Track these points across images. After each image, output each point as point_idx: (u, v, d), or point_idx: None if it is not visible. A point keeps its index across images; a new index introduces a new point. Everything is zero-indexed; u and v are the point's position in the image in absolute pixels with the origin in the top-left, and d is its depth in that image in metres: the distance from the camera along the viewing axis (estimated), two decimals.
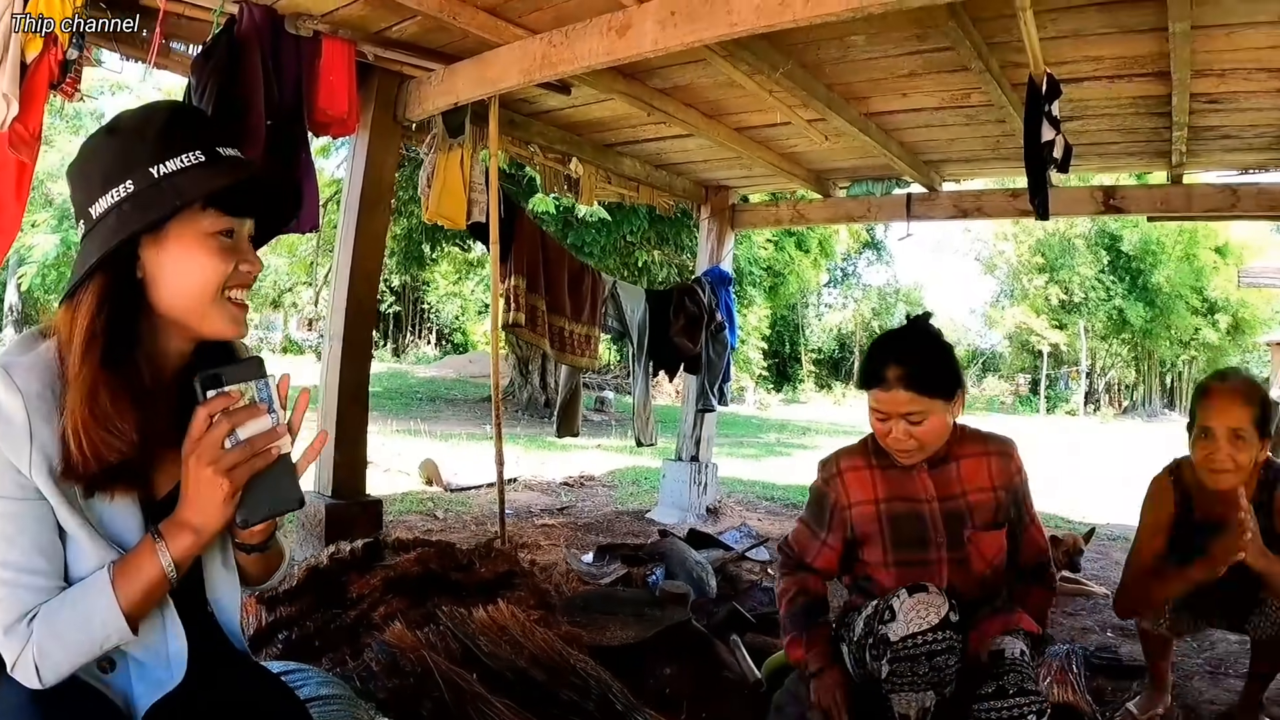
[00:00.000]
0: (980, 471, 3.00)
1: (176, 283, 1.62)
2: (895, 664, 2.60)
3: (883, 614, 2.69)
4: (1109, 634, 5.05)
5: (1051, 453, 19.00)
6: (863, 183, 8.30)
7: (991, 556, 2.96)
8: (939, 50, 4.79)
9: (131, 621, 1.52)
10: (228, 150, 1.65)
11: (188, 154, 1.58)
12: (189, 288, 1.62)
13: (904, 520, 2.97)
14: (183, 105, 1.75)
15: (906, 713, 2.62)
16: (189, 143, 1.60)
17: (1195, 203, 6.77)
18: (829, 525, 3.08)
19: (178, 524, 1.56)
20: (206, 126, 1.68)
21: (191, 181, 1.57)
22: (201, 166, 1.59)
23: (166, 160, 1.57)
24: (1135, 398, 50.39)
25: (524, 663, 3.16)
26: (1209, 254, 43.70)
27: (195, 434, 1.55)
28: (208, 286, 1.62)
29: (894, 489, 3.00)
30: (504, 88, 4.99)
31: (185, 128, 1.63)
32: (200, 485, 1.54)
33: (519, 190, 14.51)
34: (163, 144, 1.58)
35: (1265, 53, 4.50)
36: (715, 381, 8.26)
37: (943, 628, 2.58)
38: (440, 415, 19.69)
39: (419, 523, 7.17)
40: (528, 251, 6.28)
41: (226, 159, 1.63)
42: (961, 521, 2.94)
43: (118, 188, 1.56)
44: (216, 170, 1.60)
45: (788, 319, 44.35)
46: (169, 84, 19.20)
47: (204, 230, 1.61)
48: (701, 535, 6.68)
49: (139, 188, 1.56)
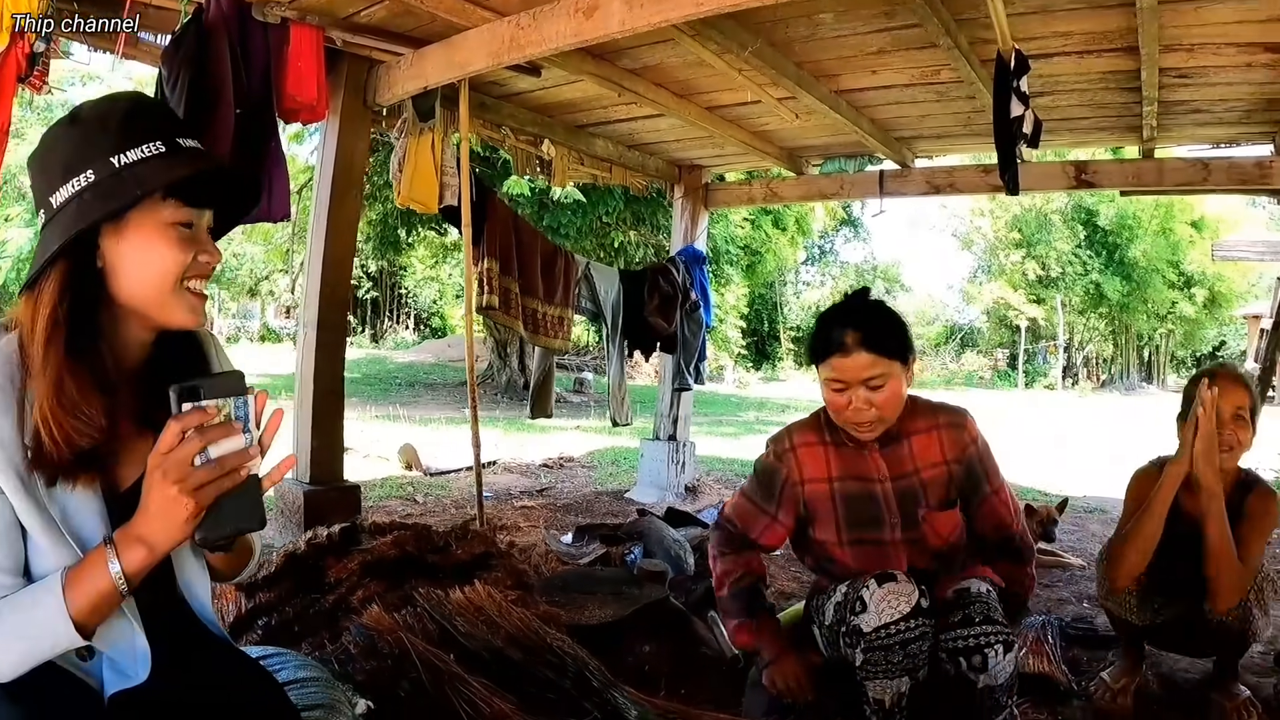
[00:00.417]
0: (932, 446, 2.98)
1: (136, 272, 1.62)
2: (869, 653, 2.60)
3: (854, 605, 2.68)
4: (1085, 605, 5.10)
5: (1030, 426, 19.11)
6: (835, 160, 8.35)
7: (947, 534, 2.96)
8: (907, 27, 4.80)
9: (84, 630, 1.49)
10: (188, 141, 1.65)
11: (149, 144, 1.59)
12: (149, 277, 1.62)
13: (857, 500, 2.96)
14: (144, 97, 1.76)
15: (881, 698, 2.63)
16: (150, 133, 1.60)
17: (1167, 177, 6.81)
18: (779, 501, 3.05)
19: (133, 538, 1.50)
20: (167, 117, 1.69)
21: (152, 171, 1.57)
22: (162, 157, 1.59)
23: (127, 150, 1.57)
24: (1113, 371, 50.55)
25: (500, 642, 3.18)
26: (1185, 228, 43.80)
27: (164, 447, 1.48)
28: (167, 277, 1.63)
29: (847, 467, 2.98)
30: (473, 71, 4.99)
31: (146, 118, 1.63)
32: (163, 502, 1.48)
33: (494, 173, 14.48)
34: (124, 134, 1.58)
35: (1233, 27, 4.53)
36: (691, 360, 8.28)
37: (914, 615, 2.59)
38: (419, 400, 19.67)
39: (398, 507, 7.18)
40: (500, 234, 6.28)
41: (187, 150, 1.64)
42: (915, 501, 2.93)
43: (78, 177, 1.56)
44: (177, 161, 1.60)
45: (766, 297, 44.32)
46: (140, 74, 19.11)
47: (164, 220, 1.62)
48: (680, 514, 6.69)
49: (100, 177, 1.56)
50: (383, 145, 9.49)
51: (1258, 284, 41.29)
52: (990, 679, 2.63)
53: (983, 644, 2.61)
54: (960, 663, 2.63)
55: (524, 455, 10.90)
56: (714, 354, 34.92)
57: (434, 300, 40.83)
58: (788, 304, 48.36)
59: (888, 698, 2.62)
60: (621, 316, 7.59)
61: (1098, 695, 3.54)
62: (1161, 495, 3.12)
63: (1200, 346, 50.55)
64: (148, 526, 1.50)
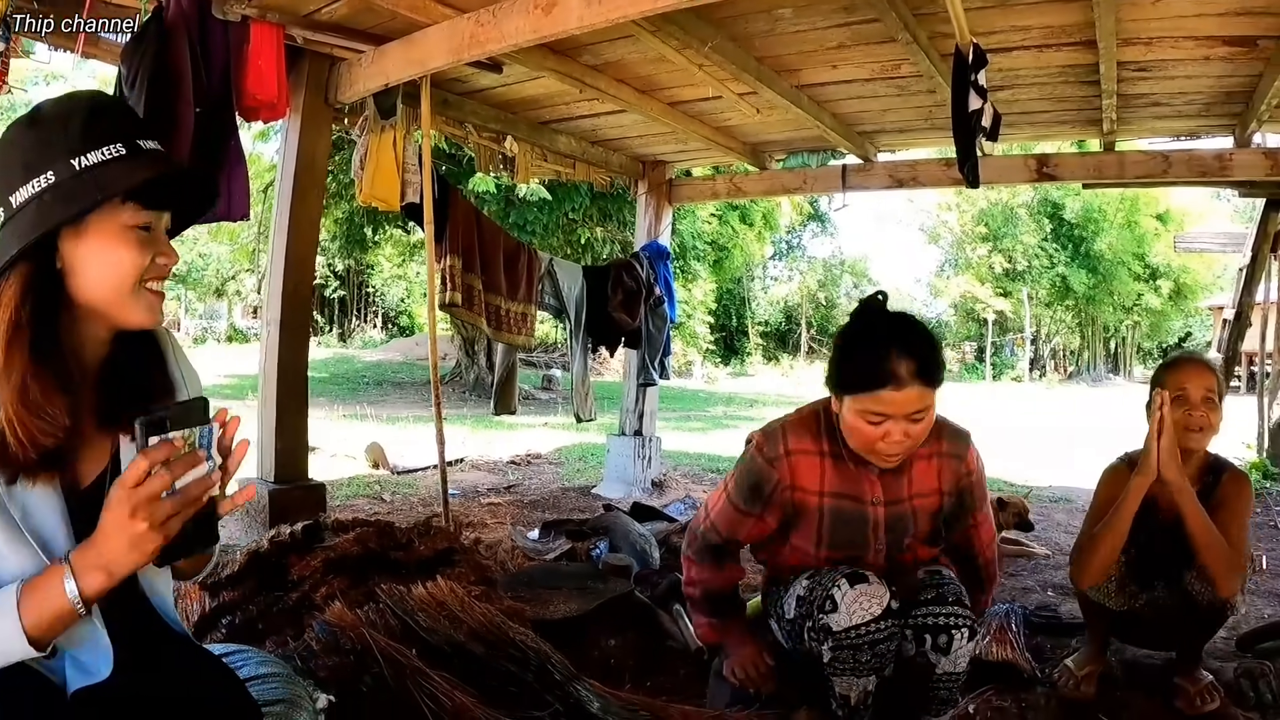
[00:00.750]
0: (930, 475, 2.87)
1: (96, 274, 1.62)
2: (838, 651, 2.60)
3: (822, 603, 2.64)
4: (1049, 593, 5.15)
5: (997, 418, 19.21)
6: (799, 155, 8.36)
7: (925, 560, 2.97)
8: (866, 22, 4.82)
9: (39, 644, 1.47)
10: (148, 143, 1.66)
11: (110, 146, 1.59)
12: (108, 279, 1.62)
13: (846, 519, 2.83)
14: (104, 96, 1.75)
15: (848, 694, 2.64)
16: (111, 135, 1.61)
17: (1128, 169, 6.89)
18: (767, 503, 2.87)
19: (92, 564, 1.48)
20: (128, 118, 1.70)
21: (114, 175, 1.58)
22: (123, 159, 1.60)
23: (88, 152, 1.58)
24: (1080, 363, 50.95)
25: (463, 637, 3.19)
26: (1150, 221, 44.21)
27: (130, 481, 1.44)
28: (126, 278, 1.63)
29: (841, 484, 2.82)
30: (433, 68, 4.99)
31: (107, 119, 1.64)
32: (129, 535, 1.46)
33: (460, 170, 14.46)
34: (85, 135, 1.59)
35: (1191, 20, 4.58)
36: (656, 355, 8.29)
37: (885, 617, 2.58)
38: (387, 398, 19.62)
39: (366, 506, 7.16)
40: (463, 231, 6.27)
41: (147, 152, 1.64)
42: (905, 529, 2.86)
43: (39, 177, 1.56)
44: (137, 164, 1.61)
45: (734, 293, 44.45)
46: (104, 73, 18.89)
47: (123, 223, 1.62)
48: (645, 508, 6.72)
49: (60, 179, 1.56)
50: (346, 143, 9.45)
51: (1223, 276, 41.67)
52: (950, 664, 2.66)
53: (951, 624, 2.65)
54: (925, 640, 2.67)
55: (492, 452, 10.88)
56: (682, 349, 35.00)
57: (402, 299, 40.69)
58: (756, 299, 48.60)
59: (854, 694, 2.64)
60: (585, 312, 7.60)
61: (1061, 682, 3.57)
62: (1128, 504, 3.15)
63: (1166, 338, 51.06)
64: (111, 554, 1.48)
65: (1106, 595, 3.44)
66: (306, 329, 5.88)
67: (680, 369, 34.49)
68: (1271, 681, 3.44)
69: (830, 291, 52.19)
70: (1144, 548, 3.35)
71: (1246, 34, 4.67)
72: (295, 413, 5.68)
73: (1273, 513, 7.77)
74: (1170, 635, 3.48)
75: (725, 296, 41.97)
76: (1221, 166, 6.50)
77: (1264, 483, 9.28)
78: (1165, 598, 3.36)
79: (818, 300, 51.87)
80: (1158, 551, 3.34)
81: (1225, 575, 3.10)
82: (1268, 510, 7.82)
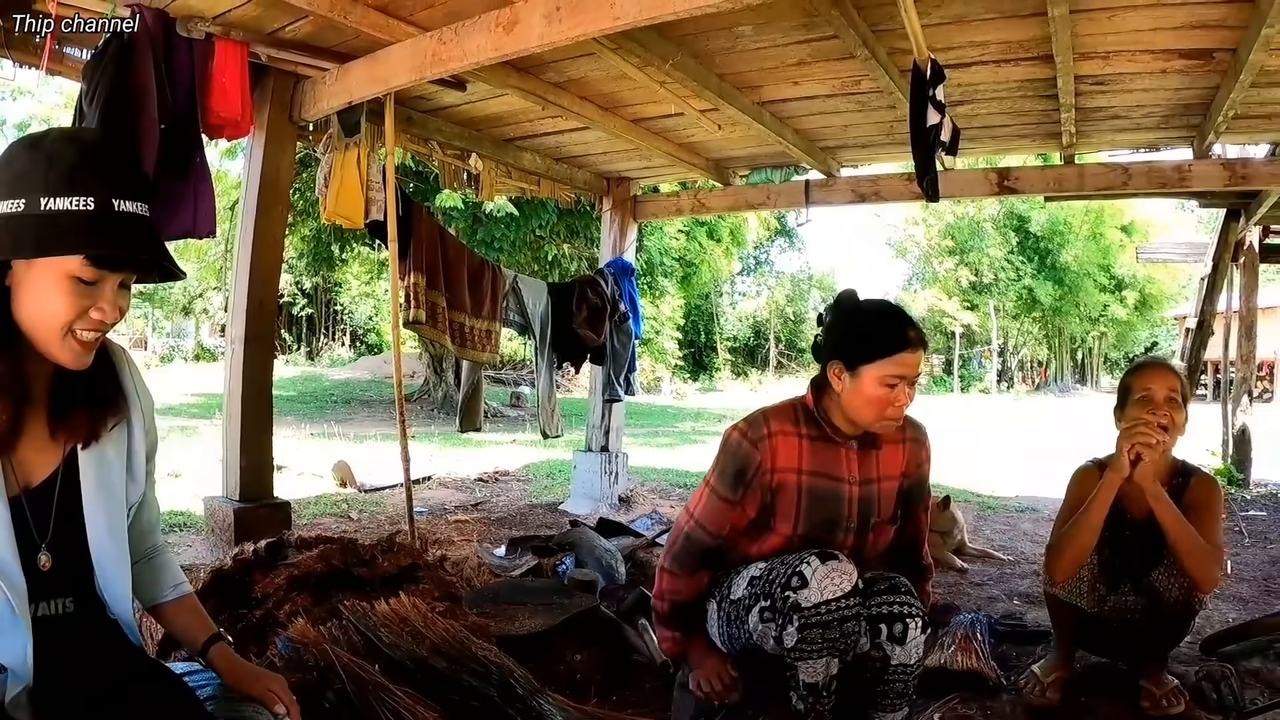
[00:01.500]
0: (896, 458, 3.05)
1: (30, 308, 1.64)
2: (806, 630, 2.61)
3: (789, 580, 2.67)
4: (1015, 602, 5.19)
5: (965, 430, 19.32)
6: (762, 170, 8.41)
7: (881, 547, 3.04)
8: (825, 38, 4.87)
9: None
10: (125, 205, 1.64)
11: (80, 199, 1.59)
12: (38, 316, 1.65)
13: (822, 497, 2.93)
14: (112, 141, 1.82)
15: (814, 680, 2.66)
16: (89, 187, 1.60)
17: (1088, 182, 6.96)
18: (747, 488, 2.95)
19: None
20: (117, 172, 1.68)
21: (63, 232, 1.58)
22: (88, 218, 1.59)
23: (58, 198, 1.58)
24: (1048, 373, 51.36)
25: (425, 652, 3.19)
26: (1115, 233, 44.74)
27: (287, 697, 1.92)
28: (54, 321, 1.64)
29: (818, 463, 2.94)
30: (396, 85, 5.01)
31: (94, 167, 1.63)
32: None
33: (428, 187, 14.46)
34: (64, 179, 1.59)
35: (1147, 34, 4.64)
36: (621, 371, 8.31)
37: (853, 594, 2.63)
38: (355, 417, 19.55)
39: (333, 524, 7.13)
40: (427, 248, 6.26)
41: (118, 216, 1.63)
42: (871, 509, 2.97)
43: (11, 202, 1.58)
44: (95, 229, 1.60)
45: (702, 308, 44.57)
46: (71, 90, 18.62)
47: (66, 271, 1.62)
48: (612, 524, 6.71)
49: (25, 213, 1.57)
50: (313, 160, 9.43)
51: (1188, 285, 42.13)
52: (905, 655, 2.72)
53: (906, 613, 2.72)
54: (881, 630, 2.73)
55: (459, 470, 10.86)
56: (651, 365, 35.03)
57: (370, 316, 40.62)
58: (724, 315, 48.69)
59: (820, 678, 2.66)
60: (550, 328, 7.60)
61: (1028, 689, 3.60)
62: (1101, 497, 3.23)
63: (1132, 348, 51.63)
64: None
65: (1078, 595, 3.47)
66: (271, 345, 5.87)
67: (648, 385, 34.52)
68: (1234, 684, 3.48)
69: (799, 306, 52.46)
70: (1114, 548, 3.41)
71: (1202, 46, 4.74)
72: (260, 429, 5.65)
73: (1237, 518, 7.86)
74: (1136, 644, 3.52)
75: (693, 312, 42.12)
76: (1181, 178, 6.58)
77: (1229, 488, 9.41)
78: (1132, 601, 3.40)
79: (786, 315, 52.12)
80: (1127, 552, 3.40)
81: (1205, 572, 3.17)
82: (1233, 515, 7.92)
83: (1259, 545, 6.93)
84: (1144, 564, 3.36)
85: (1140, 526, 3.37)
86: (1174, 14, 4.41)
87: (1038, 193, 7.49)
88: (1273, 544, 6.96)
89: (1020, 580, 5.69)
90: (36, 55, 4.47)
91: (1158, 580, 3.31)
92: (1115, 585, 3.46)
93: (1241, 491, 9.38)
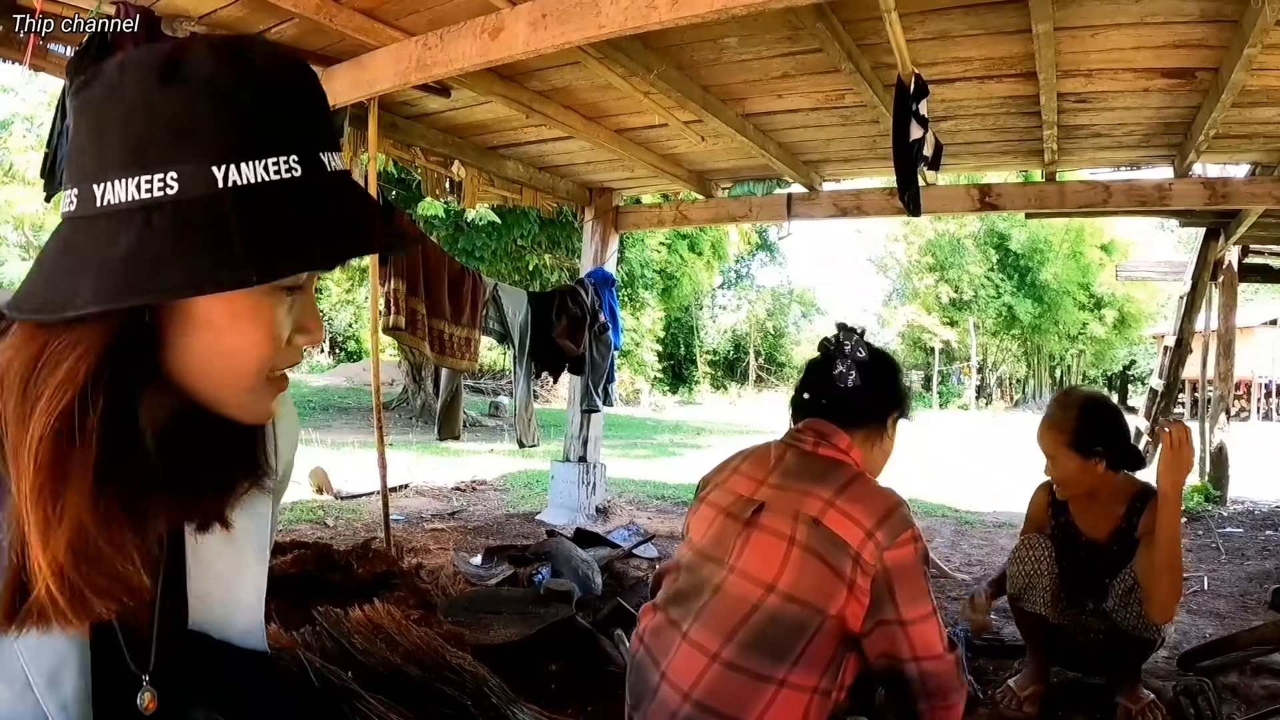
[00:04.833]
0: None
1: (204, 356, 1.01)
2: None
3: None
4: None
5: (943, 446, 19.37)
6: (744, 183, 8.42)
7: None
8: (810, 52, 4.87)
9: None
10: (334, 160, 1.02)
11: (280, 157, 0.95)
12: (222, 367, 1.03)
13: None
14: (297, 64, 1.02)
15: None
16: (286, 136, 0.97)
17: (1069, 199, 6.98)
18: None
19: None
20: (313, 110, 1.03)
21: (268, 225, 0.94)
22: (298, 189, 0.96)
23: (244, 160, 0.93)
24: (1026, 391, 51.58)
25: (399, 660, 3.17)
26: (1095, 251, 45.03)
27: None
28: (250, 367, 1.04)
29: None
30: (380, 90, 4.99)
31: (289, 104, 0.99)
32: None
33: (410, 194, 14.44)
34: (247, 126, 0.94)
35: (1129, 53, 4.65)
36: (600, 382, 8.28)
37: None
38: (333, 424, 19.43)
39: (309, 531, 7.09)
40: (407, 255, 6.25)
41: (332, 176, 1.01)
42: None
43: (152, 176, 0.90)
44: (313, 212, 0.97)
45: (682, 321, 44.56)
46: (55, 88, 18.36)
47: (261, 287, 1.00)
48: (589, 534, 6.71)
49: (185, 195, 0.91)
50: None
51: (1166, 304, 42.38)
52: None
53: None
54: None
55: (437, 478, 10.85)
56: (630, 377, 34.98)
57: (350, 323, 40.42)
58: (704, 328, 48.72)
59: None
60: (529, 338, 7.57)
61: (1004, 702, 3.62)
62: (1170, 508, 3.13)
63: (1111, 366, 51.92)
64: None
65: (1044, 605, 3.48)
66: None
67: (628, 397, 34.48)
68: (1211, 699, 3.49)
69: (779, 320, 52.60)
70: (1067, 569, 3.42)
71: (1184, 66, 4.76)
72: None
73: (1214, 534, 7.89)
74: (1103, 662, 3.53)
75: (674, 325, 42.11)
76: (1161, 196, 6.61)
77: (1206, 505, 9.45)
78: (1095, 622, 3.41)
79: (766, 329, 52.20)
80: (1083, 569, 3.42)
81: (1165, 600, 3.15)
82: (1209, 532, 7.95)
83: (1235, 562, 6.97)
84: (1098, 584, 3.43)
85: (1094, 545, 3.40)
86: (1157, 33, 4.41)
87: (1019, 209, 7.52)
88: (1249, 560, 7.00)
89: None
90: (20, 51, 4.44)
91: (1114, 613, 3.33)
92: (1076, 600, 3.48)
93: (1219, 509, 9.41)
